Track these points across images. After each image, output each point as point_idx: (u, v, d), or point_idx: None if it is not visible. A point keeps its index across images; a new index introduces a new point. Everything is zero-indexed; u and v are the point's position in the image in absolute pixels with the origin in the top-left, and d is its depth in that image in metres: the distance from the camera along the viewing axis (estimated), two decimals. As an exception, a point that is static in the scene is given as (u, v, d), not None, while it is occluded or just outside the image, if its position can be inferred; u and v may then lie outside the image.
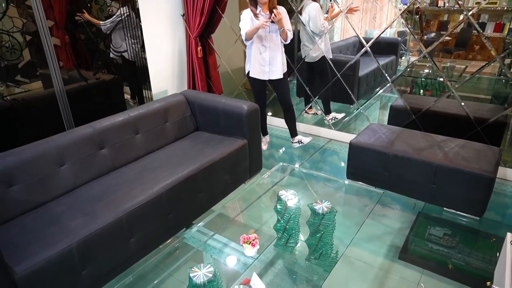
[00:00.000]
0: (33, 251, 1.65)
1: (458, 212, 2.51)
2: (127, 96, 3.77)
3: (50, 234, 1.76)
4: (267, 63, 3.13)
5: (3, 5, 2.61)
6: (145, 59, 3.55)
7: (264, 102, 3.42)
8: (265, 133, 3.63)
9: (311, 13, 3.56)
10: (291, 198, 2.04)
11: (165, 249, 2.27)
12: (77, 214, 1.92)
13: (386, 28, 3.54)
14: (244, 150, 2.75)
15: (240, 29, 3.07)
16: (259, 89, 3.30)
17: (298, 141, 3.53)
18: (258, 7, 3.02)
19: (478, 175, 2.26)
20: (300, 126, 3.83)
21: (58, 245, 1.68)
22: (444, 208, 2.57)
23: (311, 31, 3.65)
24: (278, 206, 2.05)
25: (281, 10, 3.03)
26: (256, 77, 3.19)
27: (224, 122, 2.83)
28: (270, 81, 3.25)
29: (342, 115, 3.97)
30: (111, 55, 3.52)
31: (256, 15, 2.99)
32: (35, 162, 2.08)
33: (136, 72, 3.63)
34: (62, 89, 2.87)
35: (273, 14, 2.88)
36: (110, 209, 1.94)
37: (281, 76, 3.18)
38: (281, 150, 3.62)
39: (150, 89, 3.70)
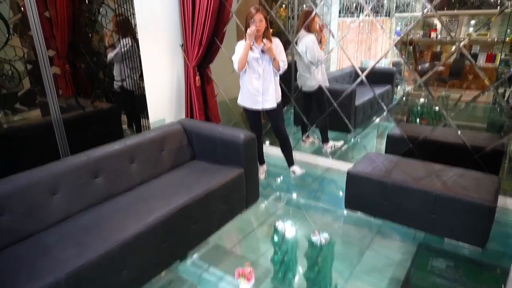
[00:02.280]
0: (20, 283, 1.58)
1: (460, 243, 2.45)
2: (124, 126, 3.77)
3: (39, 266, 1.70)
4: (260, 93, 3.14)
5: (6, 35, 2.66)
6: (143, 88, 3.58)
7: (260, 131, 3.42)
8: (262, 162, 3.60)
9: (308, 44, 3.65)
10: (288, 229, 1.99)
11: (158, 282, 2.19)
12: (68, 244, 1.86)
13: (381, 58, 3.60)
14: (241, 180, 2.72)
15: (233, 61, 3.13)
16: (253, 118, 3.31)
17: (292, 171, 3.52)
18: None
19: (478, 204, 2.23)
20: (297, 155, 3.82)
21: (46, 277, 1.61)
22: (445, 238, 2.52)
23: (309, 61, 3.72)
24: (275, 238, 2.00)
25: (275, 41, 3.09)
26: (249, 107, 3.22)
27: (221, 151, 2.82)
28: (265, 110, 3.26)
29: (341, 142, 3.98)
30: (115, 85, 3.57)
31: (248, 46, 3.05)
32: (28, 190, 2.04)
33: (134, 101, 3.65)
34: (59, 117, 2.87)
35: (262, 43, 2.96)
36: (102, 240, 1.88)
37: (275, 106, 3.19)
38: (278, 179, 3.58)
39: (148, 118, 3.71)
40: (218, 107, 4.17)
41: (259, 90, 3.14)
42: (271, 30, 3.10)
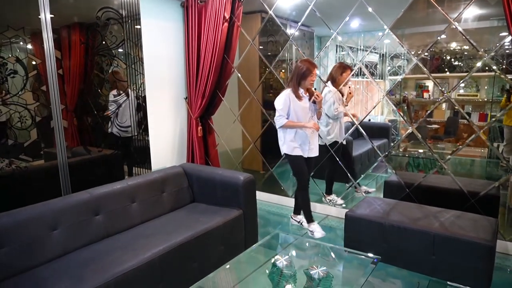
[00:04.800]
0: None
1: (462, 287, 2.39)
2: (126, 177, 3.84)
3: (33, 297, 1.67)
4: (307, 141, 3.14)
5: (18, 90, 2.82)
6: (148, 140, 3.68)
7: (308, 178, 3.32)
8: (311, 218, 3.31)
9: (327, 97, 3.70)
10: (286, 263, 1.98)
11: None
12: (63, 278, 1.84)
13: (374, 107, 3.79)
14: (240, 221, 2.73)
15: (276, 110, 3.08)
16: (300, 164, 3.17)
17: (311, 231, 3.27)
18: (300, 88, 3.11)
19: (477, 243, 2.22)
20: (287, 200, 3.81)
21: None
22: (448, 283, 2.46)
23: (326, 114, 3.74)
24: (273, 273, 1.98)
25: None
26: (296, 154, 3.14)
27: (221, 193, 2.86)
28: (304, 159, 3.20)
29: (342, 202, 3.90)
30: (115, 130, 3.64)
31: (299, 97, 3.07)
32: (28, 225, 2.06)
33: (137, 150, 3.75)
34: (65, 163, 2.95)
35: (315, 95, 3.05)
36: (98, 274, 1.87)
37: (317, 154, 3.24)
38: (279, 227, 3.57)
39: (150, 168, 3.80)
40: (219, 157, 4.28)
41: (307, 138, 3.13)
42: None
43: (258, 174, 4.77)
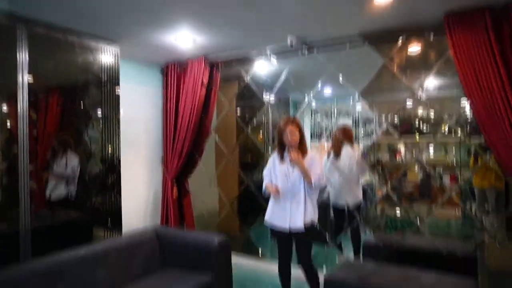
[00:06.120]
0: None
1: None
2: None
3: None
4: (287, 211, 2.71)
5: None
6: (119, 205, 3.49)
7: (287, 257, 2.85)
8: None
9: (352, 155, 3.70)
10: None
11: None
12: None
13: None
14: (214, 287, 2.57)
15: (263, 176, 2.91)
16: (280, 241, 2.83)
17: None
18: (286, 151, 2.77)
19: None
20: (264, 264, 3.67)
21: None
22: None
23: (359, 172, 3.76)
24: None
25: (310, 154, 2.77)
26: (276, 224, 2.75)
27: (194, 257, 2.74)
28: (292, 232, 2.73)
29: None
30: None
31: (282, 160, 2.78)
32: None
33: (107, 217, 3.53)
34: (28, 226, 2.76)
35: (291, 154, 2.64)
36: None
37: (302, 228, 2.67)
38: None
39: (121, 231, 3.61)
40: (194, 220, 4.15)
41: (286, 208, 2.72)
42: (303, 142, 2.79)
43: (235, 237, 4.62)
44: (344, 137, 3.79)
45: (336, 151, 3.79)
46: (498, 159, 2.53)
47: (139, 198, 3.85)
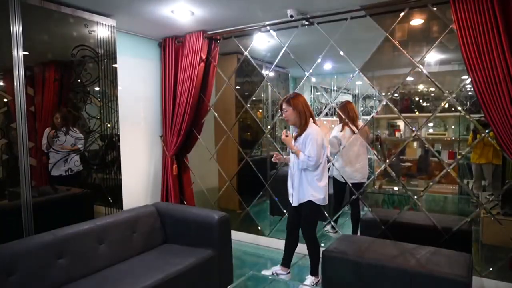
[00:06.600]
0: None
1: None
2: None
3: None
4: (290, 186, 3.00)
5: None
6: (120, 179, 3.52)
7: (291, 226, 3.09)
8: (287, 264, 3.17)
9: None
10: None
11: None
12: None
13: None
14: (214, 262, 2.62)
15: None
16: (288, 208, 3.11)
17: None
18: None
19: (453, 280, 2.20)
20: (264, 240, 3.70)
21: None
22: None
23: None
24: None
25: (306, 132, 2.80)
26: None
27: (195, 233, 2.77)
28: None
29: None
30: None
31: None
32: (-19, 270, 1.90)
33: (108, 193, 3.57)
34: (29, 202, 2.79)
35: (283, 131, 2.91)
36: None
37: (296, 205, 2.91)
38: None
39: (122, 208, 3.65)
40: (194, 196, 4.19)
41: (289, 184, 3.01)
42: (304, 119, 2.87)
43: (235, 213, 4.68)
44: (349, 114, 3.80)
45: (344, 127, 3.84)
46: (497, 135, 2.52)
47: (139, 174, 3.87)
